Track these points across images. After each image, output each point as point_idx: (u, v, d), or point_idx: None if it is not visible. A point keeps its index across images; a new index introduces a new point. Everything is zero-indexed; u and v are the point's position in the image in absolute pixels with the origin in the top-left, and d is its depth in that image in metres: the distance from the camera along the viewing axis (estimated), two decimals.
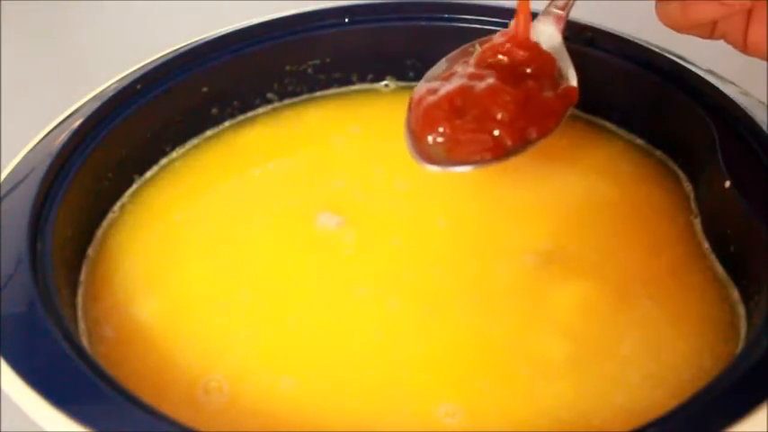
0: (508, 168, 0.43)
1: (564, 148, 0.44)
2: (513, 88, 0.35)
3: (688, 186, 0.41)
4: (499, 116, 0.35)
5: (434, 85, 0.37)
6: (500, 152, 0.35)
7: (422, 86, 0.38)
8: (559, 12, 0.39)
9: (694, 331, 0.34)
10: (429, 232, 0.39)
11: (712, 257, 0.37)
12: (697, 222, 0.39)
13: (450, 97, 0.36)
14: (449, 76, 0.38)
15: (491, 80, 0.36)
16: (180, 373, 0.32)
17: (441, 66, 0.40)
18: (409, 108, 0.37)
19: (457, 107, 0.35)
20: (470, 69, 0.37)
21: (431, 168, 0.35)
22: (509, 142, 0.35)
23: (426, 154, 0.35)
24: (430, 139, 0.35)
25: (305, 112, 0.48)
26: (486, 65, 0.37)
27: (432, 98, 0.36)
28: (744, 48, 0.35)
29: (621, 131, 0.45)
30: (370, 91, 0.49)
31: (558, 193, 0.41)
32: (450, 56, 0.40)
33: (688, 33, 0.36)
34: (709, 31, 0.36)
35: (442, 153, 0.35)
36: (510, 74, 0.36)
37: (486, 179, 0.42)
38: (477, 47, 0.39)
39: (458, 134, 0.35)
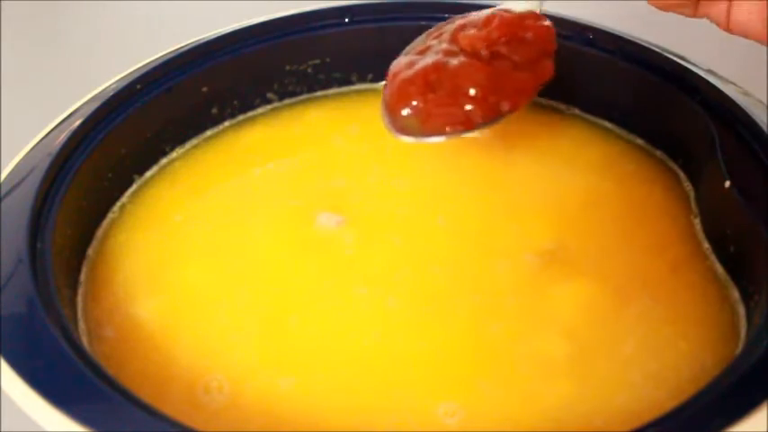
0: (508, 168, 0.43)
1: (565, 148, 0.45)
2: (486, 64, 0.36)
3: (688, 186, 0.41)
4: (471, 92, 0.35)
5: (411, 59, 0.38)
6: (472, 125, 0.36)
7: (400, 60, 0.38)
8: None
9: (695, 331, 0.34)
10: (429, 232, 0.39)
11: (712, 257, 0.37)
12: (697, 222, 0.39)
13: (424, 73, 0.36)
14: (424, 50, 0.38)
15: (464, 57, 0.36)
16: (180, 373, 0.32)
17: (420, 40, 0.40)
18: (386, 82, 0.38)
19: (431, 82, 0.36)
20: (445, 45, 0.38)
21: (404, 139, 0.36)
22: (480, 118, 0.35)
23: (400, 126, 0.36)
24: (404, 112, 0.36)
25: (305, 112, 0.48)
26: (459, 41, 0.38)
27: (406, 73, 0.37)
28: (726, 26, 0.35)
29: (622, 131, 0.45)
30: (370, 91, 0.49)
31: (558, 193, 0.41)
32: (430, 31, 0.40)
33: (671, 11, 0.35)
34: (693, 9, 0.36)
35: (415, 125, 0.36)
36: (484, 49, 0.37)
37: (485, 178, 0.42)
38: (458, 21, 0.39)
39: (430, 108, 0.36)
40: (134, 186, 0.42)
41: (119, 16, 0.71)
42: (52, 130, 0.38)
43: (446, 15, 0.47)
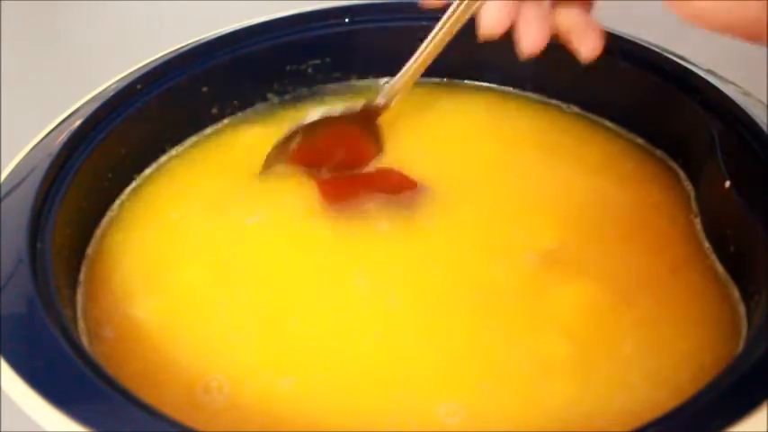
0: (508, 166, 0.43)
1: (565, 147, 0.44)
2: None
3: (688, 186, 0.41)
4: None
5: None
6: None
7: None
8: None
9: (695, 331, 0.34)
10: (429, 230, 0.39)
11: (713, 257, 0.37)
12: (697, 222, 0.39)
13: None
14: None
15: None
16: (180, 373, 0.32)
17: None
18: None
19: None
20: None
21: None
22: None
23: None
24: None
25: (305, 112, 0.47)
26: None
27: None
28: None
29: (622, 131, 0.45)
30: (370, 91, 0.49)
31: (559, 192, 0.41)
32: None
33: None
34: None
35: None
36: None
37: (486, 177, 0.42)
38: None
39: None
40: (133, 185, 0.42)
41: (119, 16, 0.71)
42: (52, 130, 0.38)
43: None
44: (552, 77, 0.46)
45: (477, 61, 0.47)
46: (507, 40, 0.43)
